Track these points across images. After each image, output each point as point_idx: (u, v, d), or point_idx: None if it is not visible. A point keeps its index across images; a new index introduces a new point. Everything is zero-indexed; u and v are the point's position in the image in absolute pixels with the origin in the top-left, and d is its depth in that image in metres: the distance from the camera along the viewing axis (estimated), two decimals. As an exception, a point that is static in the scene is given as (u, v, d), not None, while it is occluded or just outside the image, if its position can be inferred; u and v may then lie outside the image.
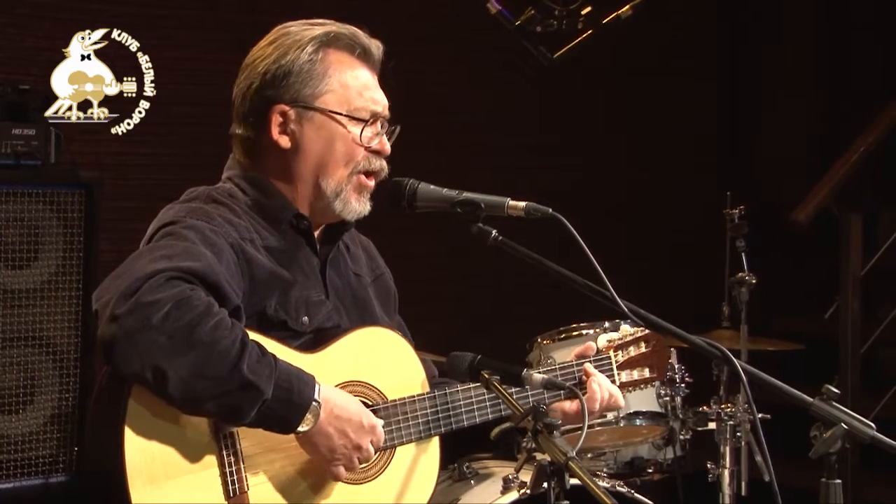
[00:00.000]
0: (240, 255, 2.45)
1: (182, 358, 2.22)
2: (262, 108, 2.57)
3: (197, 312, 2.24)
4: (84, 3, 4.71)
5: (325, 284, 2.63)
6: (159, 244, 2.38)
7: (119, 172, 4.78)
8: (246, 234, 2.50)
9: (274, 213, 2.58)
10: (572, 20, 4.92)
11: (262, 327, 2.45)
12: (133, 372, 2.23)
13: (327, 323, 2.57)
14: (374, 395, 2.56)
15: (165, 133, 4.86)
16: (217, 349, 2.25)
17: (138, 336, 2.20)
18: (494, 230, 2.46)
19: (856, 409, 2.28)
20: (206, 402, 2.26)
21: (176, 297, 2.23)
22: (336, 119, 2.57)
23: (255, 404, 2.29)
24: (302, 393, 2.34)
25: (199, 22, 5.07)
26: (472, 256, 4.32)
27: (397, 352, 2.63)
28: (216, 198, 2.55)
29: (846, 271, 5.41)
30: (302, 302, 2.53)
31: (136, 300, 2.21)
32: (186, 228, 2.41)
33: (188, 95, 4.93)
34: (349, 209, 2.60)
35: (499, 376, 2.39)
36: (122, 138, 4.38)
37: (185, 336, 2.22)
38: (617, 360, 2.88)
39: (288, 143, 2.57)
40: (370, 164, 2.60)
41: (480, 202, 2.48)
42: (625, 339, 2.92)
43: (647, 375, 2.94)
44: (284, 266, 2.53)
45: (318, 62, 2.57)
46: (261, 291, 2.47)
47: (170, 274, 2.25)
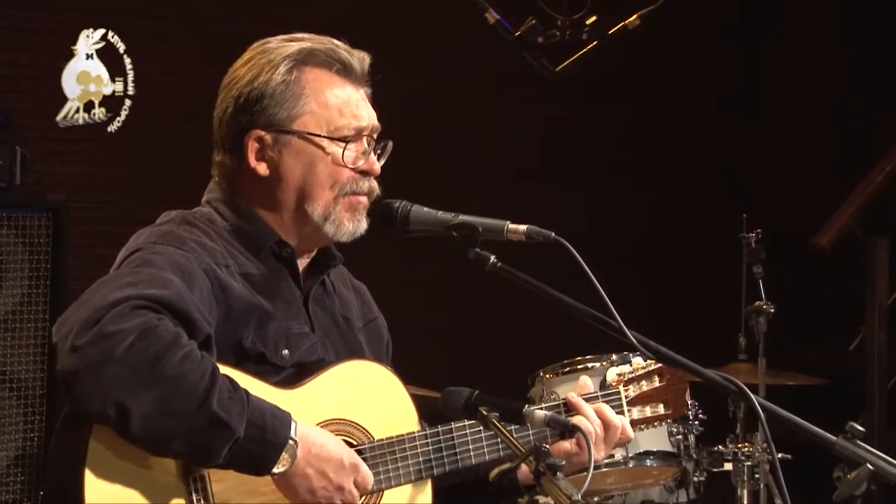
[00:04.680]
0: (214, 282, 2.43)
1: (146, 393, 2.20)
2: (238, 134, 2.57)
3: (163, 344, 2.22)
4: (35, 30, 4.72)
5: (310, 317, 2.60)
6: (124, 271, 2.37)
7: (88, 194, 4.77)
8: (221, 260, 2.48)
9: (254, 239, 2.56)
10: (576, 31, 4.92)
11: (238, 361, 2.43)
12: (94, 409, 2.21)
13: (310, 356, 2.55)
14: (359, 434, 2.54)
15: (138, 152, 4.86)
16: (184, 383, 2.23)
17: (100, 369, 2.18)
18: (493, 256, 2.45)
19: (882, 448, 2.27)
20: (172, 441, 2.24)
21: (141, 328, 2.21)
22: (314, 141, 2.56)
23: (225, 443, 2.26)
24: (276, 431, 2.31)
25: (175, 34, 5.07)
26: (468, 284, 4.31)
27: (386, 387, 2.61)
28: (191, 220, 2.54)
29: (872, 299, 5.40)
30: (281, 334, 2.51)
31: (98, 330, 2.20)
32: (155, 254, 2.39)
33: (164, 109, 4.93)
34: (343, 230, 2.58)
35: (498, 413, 2.37)
36: (90, 158, 4.39)
37: (150, 369, 2.20)
38: (627, 396, 2.86)
39: (266, 170, 2.56)
40: (357, 185, 2.58)
41: (478, 226, 2.47)
42: (636, 373, 2.89)
43: (662, 412, 2.91)
44: (263, 295, 2.51)
45: (293, 82, 2.55)
46: (236, 321, 2.45)
47: (135, 303, 2.24)
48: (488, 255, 2.45)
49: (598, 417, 2.71)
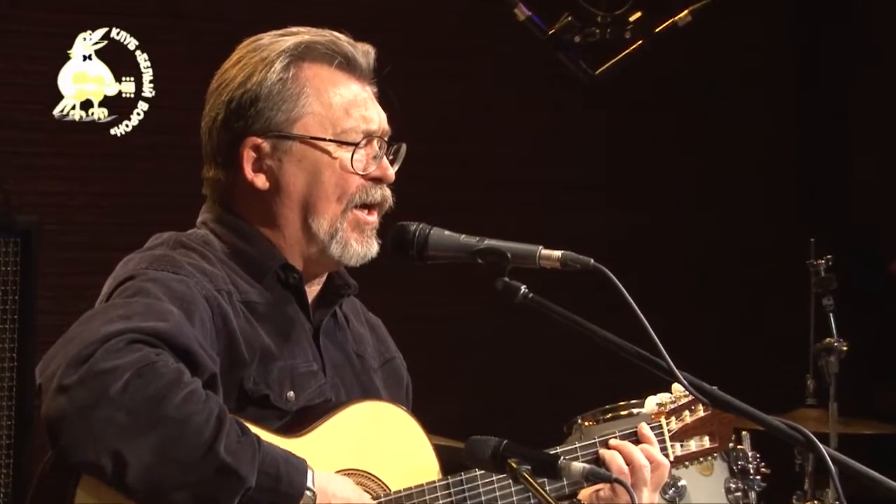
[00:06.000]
0: (215, 311, 2.44)
1: (145, 438, 2.21)
2: (231, 143, 2.58)
3: (163, 382, 2.23)
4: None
5: (320, 354, 2.61)
6: (115, 302, 2.38)
7: (63, 215, 4.80)
8: (222, 285, 2.49)
9: (257, 263, 2.57)
10: (618, 29, 4.92)
11: (239, 404, 2.44)
12: (85, 458, 2.22)
13: (317, 399, 2.56)
14: (374, 487, 2.55)
15: (121, 168, 4.89)
16: (188, 427, 2.24)
17: (92, 412, 2.20)
18: (524, 285, 2.45)
19: (972, 506, 2.27)
20: (174, 493, 2.25)
21: (137, 364, 2.22)
22: (319, 146, 2.57)
23: (235, 494, 2.27)
24: (292, 481, 2.33)
25: (162, 35, 5.11)
26: (495, 317, 4.32)
27: (404, 432, 2.62)
28: (185, 243, 2.55)
29: (962, 336, 5.39)
30: (286, 372, 2.52)
31: (89, 368, 2.21)
32: (148, 281, 2.41)
33: (149, 121, 4.97)
34: (350, 253, 2.59)
35: (529, 466, 2.37)
36: (65, 174, 4.42)
37: (150, 411, 2.21)
38: (670, 429, 2.87)
39: (265, 182, 2.58)
40: (368, 194, 2.60)
41: (507, 251, 2.47)
42: (679, 403, 2.91)
43: (708, 445, 2.92)
44: (267, 327, 2.53)
45: (291, 81, 2.57)
46: (237, 358, 2.46)
47: (130, 336, 2.25)
48: (518, 284, 2.45)
49: (645, 460, 2.71)
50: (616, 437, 2.75)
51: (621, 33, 4.88)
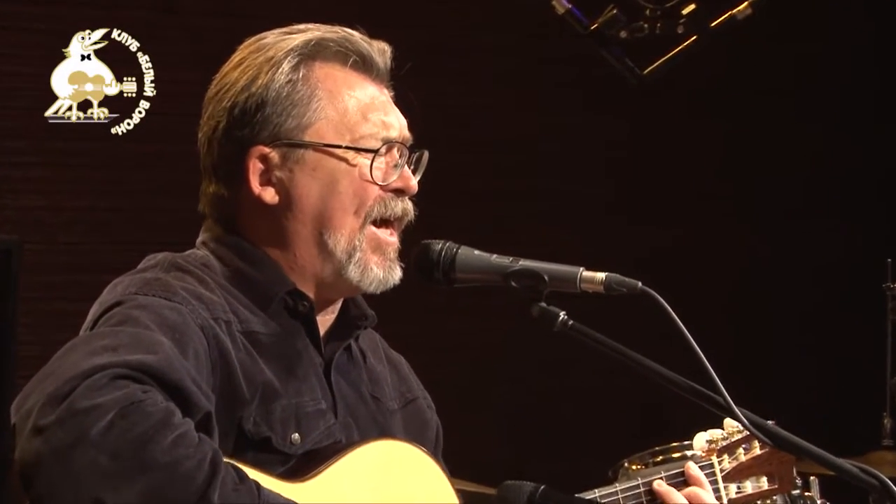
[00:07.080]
0: (211, 342, 2.44)
1: (130, 485, 2.21)
2: (235, 154, 2.59)
3: (151, 423, 2.23)
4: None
5: (331, 391, 2.61)
6: (100, 332, 2.38)
7: (46, 233, 4.82)
8: (221, 314, 2.49)
9: (262, 288, 2.57)
10: (669, 23, 4.93)
11: (237, 448, 2.44)
12: None
13: (326, 441, 2.55)
14: (387, 538, 2.55)
15: (111, 180, 4.91)
16: (178, 472, 2.23)
17: (71, 454, 2.19)
18: (563, 312, 2.45)
19: None
20: (163, 546, 2.26)
21: (122, 403, 2.22)
22: (335, 154, 2.58)
23: (231, 548, 2.28)
24: (295, 533, 2.33)
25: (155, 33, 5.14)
26: (530, 348, 4.31)
27: (422, 475, 2.61)
28: (181, 265, 2.55)
29: None
30: (291, 412, 2.52)
31: (68, 406, 2.21)
32: (137, 308, 2.41)
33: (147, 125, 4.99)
34: (370, 277, 2.59)
35: (568, 515, 2.38)
36: (49, 187, 4.44)
37: (135, 455, 2.21)
38: (722, 469, 2.87)
39: (274, 196, 2.58)
40: (387, 207, 2.60)
41: (543, 273, 2.47)
42: (731, 438, 2.90)
43: (766, 487, 2.92)
44: (270, 360, 2.52)
45: (301, 82, 2.57)
46: (235, 395, 2.46)
47: (114, 371, 2.25)
48: (557, 310, 2.44)
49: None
50: (662, 478, 2.75)
51: (673, 28, 4.87)
